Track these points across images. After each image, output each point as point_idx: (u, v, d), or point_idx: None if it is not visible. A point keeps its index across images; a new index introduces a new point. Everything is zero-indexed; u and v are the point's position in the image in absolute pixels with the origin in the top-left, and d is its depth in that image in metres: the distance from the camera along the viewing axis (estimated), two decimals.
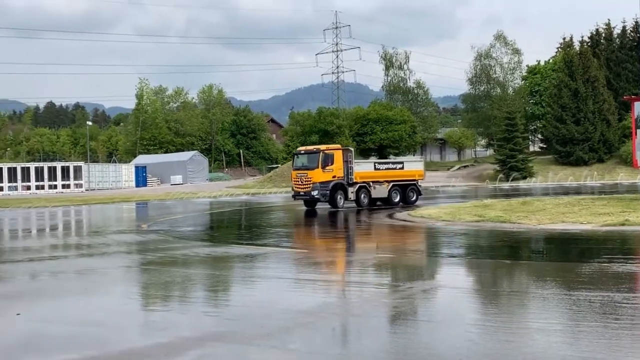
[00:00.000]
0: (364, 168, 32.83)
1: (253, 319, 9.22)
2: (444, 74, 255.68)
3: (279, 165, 78.17)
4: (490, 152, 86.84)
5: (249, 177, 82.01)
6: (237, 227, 26.30)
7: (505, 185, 56.45)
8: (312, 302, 10.30)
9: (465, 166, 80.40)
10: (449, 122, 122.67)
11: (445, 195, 43.92)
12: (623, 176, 57.76)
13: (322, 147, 33.26)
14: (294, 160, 33.24)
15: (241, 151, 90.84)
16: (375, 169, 33.32)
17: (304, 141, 76.62)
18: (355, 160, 33.07)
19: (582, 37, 77.62)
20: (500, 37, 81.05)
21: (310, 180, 31.20)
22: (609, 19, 77.34)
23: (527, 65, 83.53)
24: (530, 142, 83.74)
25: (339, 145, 36.39)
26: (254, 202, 42.93)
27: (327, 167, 31.18)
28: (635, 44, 72.52)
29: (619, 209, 21.97)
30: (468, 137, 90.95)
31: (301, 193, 31.77)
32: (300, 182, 31.70)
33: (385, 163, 35.47)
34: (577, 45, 76.22)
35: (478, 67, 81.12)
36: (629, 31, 73.94)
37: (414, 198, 33.77)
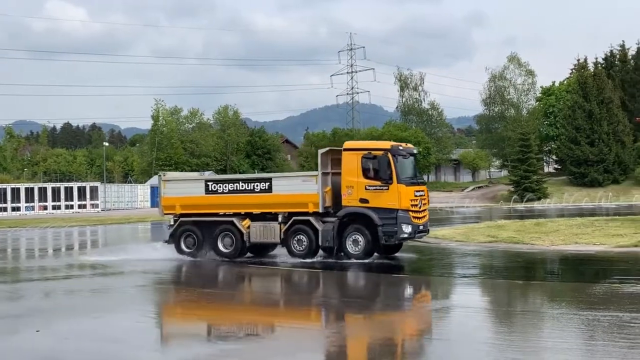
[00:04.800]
0: None
1: (264, 337, 9.40)
2: (458, 95, 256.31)
3: None
4: (504, 173, 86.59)
5: None
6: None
7: (520, 206, 56.27)
8: (324, 322, 10.46)
9: (479, 187, 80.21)
10: (463, 143, 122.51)
11: (459, 216, 43.93)
12: (638, 197, 57.43)
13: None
14: (396, 165, 17.62)
15: (256, 172, 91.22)
16: None
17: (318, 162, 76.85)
18: None
19: (597, 58, 77.38)
20: (514, 59, 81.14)
21: (426, 204, 19.00)
22: (623, 41, 77.09)
23: (541, 87, 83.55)
24: (544, 163, 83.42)
25: None
26: None
27: None
28: None
29: (632, 231, 21.92)
30: (482, 158, 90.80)
31: (421, 227, 18.36)
32: (419, 208, 18.28)
33: None
34: (591, 67, 76.15)
35: (492, 88, 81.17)
36: None
37: None
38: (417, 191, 18.12)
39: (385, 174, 17.37)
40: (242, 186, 19.31)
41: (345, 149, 18.32)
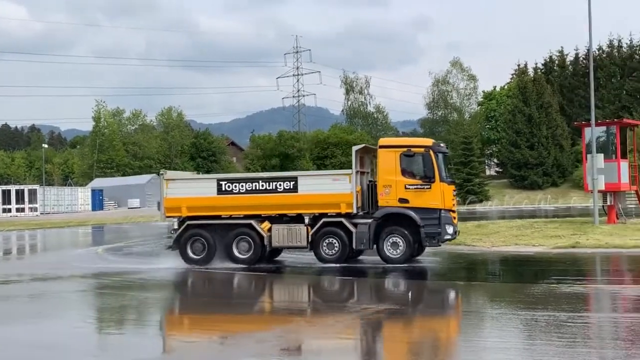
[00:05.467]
0: None
1: (211, 342, 9.30)
2: (403, 99, 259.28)
3: None
4: None
5: None
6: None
7: (462, 208, 57.14)
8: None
9: None
10: None
11: None
12: (576, 200, 58.97)
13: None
14: (438, 163, 16.93)
15: (201, 174, 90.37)
16: None
17: (264, 165, 76.69)
18: None
19: (536, 64, 79.40)
20: (456, 64, 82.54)
21: (456, 204, 18.65)
22: (562, 47, 79.48)
23: (483, 91, 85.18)
24: (486, 166, 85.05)
25: None
26: None
27: None
28: (587, 71, 74.36)
29: (570, 232, 22.53)
30: None
31: (456, 228, 17.72)
32: (455, 208, 17.83)
33: None
34: (531, 72, 77.98)
35: (435, 92, 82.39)
36: (581, 58, 75.90)
37: None
38: (453, 191, 17.63)
39: (429, 172, 16.57)
40: (263, 186, 17.49)
41: (382, 146, 17.34)
